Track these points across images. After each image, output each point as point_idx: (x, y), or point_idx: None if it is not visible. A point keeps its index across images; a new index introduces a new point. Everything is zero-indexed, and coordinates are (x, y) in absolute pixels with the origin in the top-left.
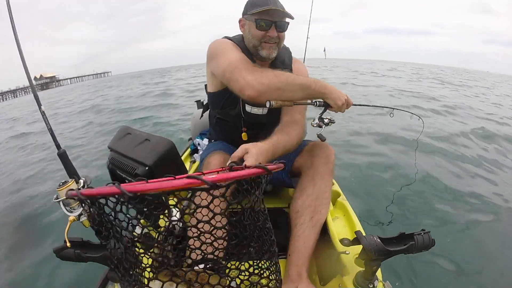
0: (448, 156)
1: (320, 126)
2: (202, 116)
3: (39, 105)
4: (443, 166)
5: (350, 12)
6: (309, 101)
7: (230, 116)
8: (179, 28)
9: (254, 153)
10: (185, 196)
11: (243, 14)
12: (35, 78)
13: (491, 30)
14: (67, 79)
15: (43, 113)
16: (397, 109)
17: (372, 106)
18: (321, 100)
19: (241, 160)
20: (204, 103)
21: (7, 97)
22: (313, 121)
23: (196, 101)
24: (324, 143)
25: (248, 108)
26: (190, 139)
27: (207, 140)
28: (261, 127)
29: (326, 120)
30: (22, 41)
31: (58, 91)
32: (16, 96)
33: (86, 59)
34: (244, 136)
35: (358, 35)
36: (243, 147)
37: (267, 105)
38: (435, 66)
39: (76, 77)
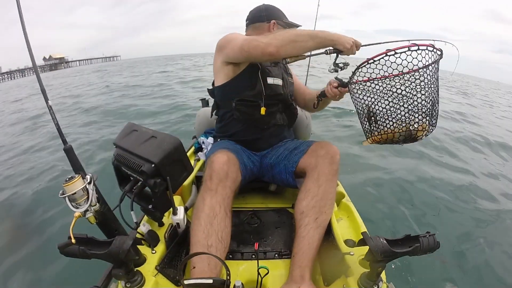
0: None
1: (336, 71)
2: (212, 115)
3: (46, 99)
4: (451, 168)
5: (361, 12)
6: (321, 51)
7: (250, 97)
8: (187, 19)
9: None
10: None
11: (276, 18)
12: (44, 58)
13: (503, 39)
14: (76, 61)
15: (50, 108)
16: (414, 40)
17: (384, 42)
18: (331, 48)
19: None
20: (210, 103)
21: (15, 76)
22: (329, 67)
23: (201, 99)
24: (329, 143)
25: (270, 80)
26: (194, 137)
27: (212, 138)
28: (279, 100)
29: (340, 64)
30: (31, 22)
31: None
32: (25, 75)
33: (95, 43)
34: (262, 110)
35: (369, 34)
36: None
37: (283, 62)
38: (445, 72)
39: (85, 59)
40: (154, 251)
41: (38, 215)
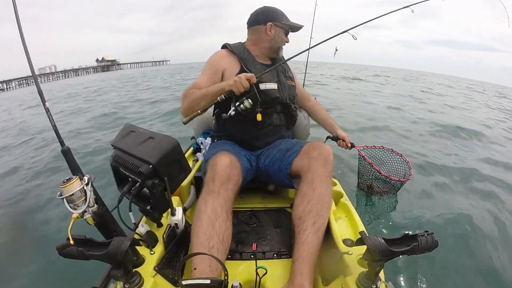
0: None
1: (239, 112)
2: (214, 114)
3: (44, 101)
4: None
5: (412, 22)
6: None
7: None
8: (234, 26)
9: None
10: None
11: (273, 20)
12: (97, 60)
13: None
14: (127, 63)
15: (47, 110)
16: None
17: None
18: (225, 93)
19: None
20: None
21: (69, 74)
22: (232, 111)
23: None
24: (321, 143)
25: (262, 86)
26: (193, 137)
27: (210, 139)
28: (274, 103)
29: (240, 105)
30: (83, 26)
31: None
32: (78, 75)
33: (145, 48)
34: (259, 116)
35: (418, 45)
36: None
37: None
38: (496, 85)
39: (136, 63)
40: (152, 252)
41: (36, 217)
